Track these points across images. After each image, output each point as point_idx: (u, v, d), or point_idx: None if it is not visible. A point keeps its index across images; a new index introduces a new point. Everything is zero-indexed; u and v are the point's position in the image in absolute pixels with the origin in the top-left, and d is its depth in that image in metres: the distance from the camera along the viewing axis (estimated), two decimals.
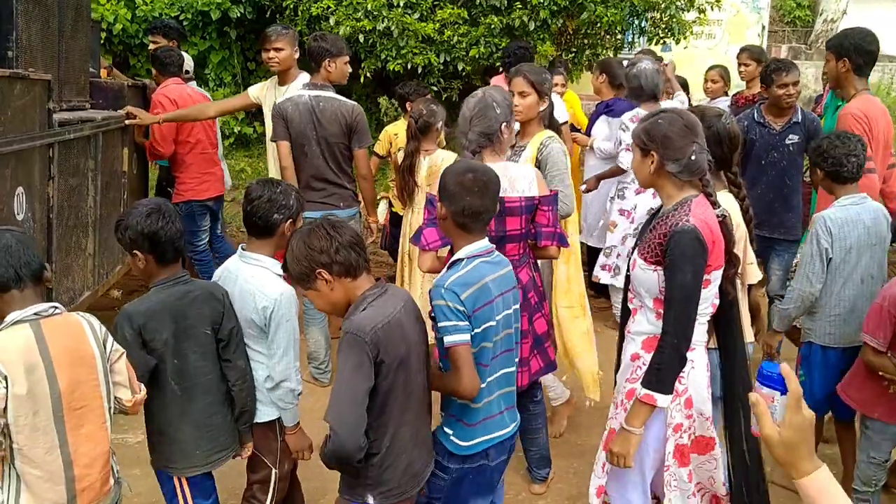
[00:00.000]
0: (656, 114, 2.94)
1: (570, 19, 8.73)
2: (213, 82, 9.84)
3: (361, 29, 8.38)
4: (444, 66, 8.75)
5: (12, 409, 2.35)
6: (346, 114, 4.84)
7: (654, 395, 2.77)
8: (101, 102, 5.11)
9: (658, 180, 2.91)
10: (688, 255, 2.73)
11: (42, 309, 2.44)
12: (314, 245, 2.48)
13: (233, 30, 9.62)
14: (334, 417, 2.37)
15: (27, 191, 3.77)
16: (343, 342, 2.40)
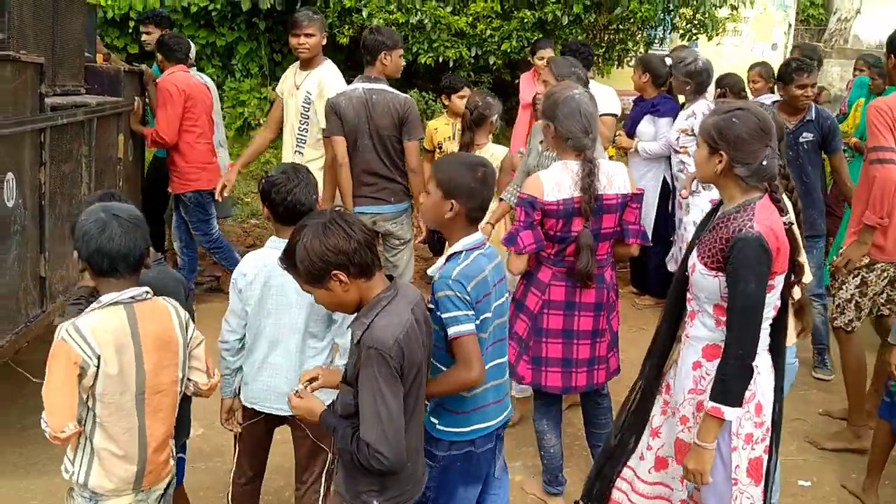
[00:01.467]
0: (731, 110, 2.78)
1: (603, 14, 8.61)
2: (239, 73, 9.84)
3: (394, 21, 8.35)
4: (474, 59, 8.71)
5: (102, 386, 2.43)
6: (399, 106, 4.79)
7: (721, 407, 2.69)
8: (96, 87, 5.03)
9: (722, 180, 2.79)
10: (751, 264, 2.64)
11: (137, 293, 2.50)
12: (332, 245, 2.31)
13: (262, 21, 9.59)
14: (377, 440, 2.28)
15: (18, 177, 3.69)
16: (367, 358, 2.30)
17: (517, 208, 3.50)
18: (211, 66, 9.81)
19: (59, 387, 2.39)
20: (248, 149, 5.82)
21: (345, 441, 2.36)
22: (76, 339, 2.38)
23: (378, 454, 2.27)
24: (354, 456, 2.33)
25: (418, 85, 9.51)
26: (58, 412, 2.39)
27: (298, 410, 2.54)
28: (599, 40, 9.09)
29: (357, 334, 2.36)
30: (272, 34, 9.93)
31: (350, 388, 2.40)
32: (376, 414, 2.28)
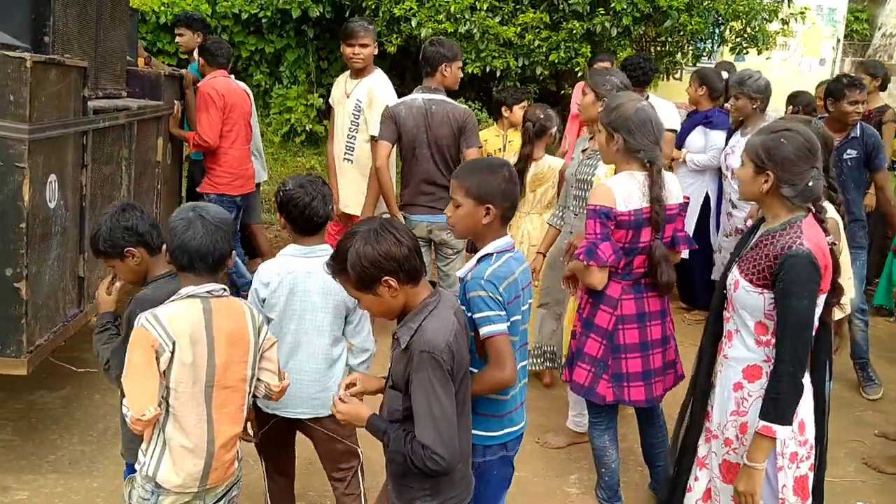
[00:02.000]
0: (779, 130, 2.80)
1: (653, 26, 8.54)
2: (287, 80, 9.95)
3: (443, 31, 8.40)
4: (521, 69, 8.72)
5: (175, 374, 2.50)
6: (458, 117, 4.88)
7: (772, 427, 2.71)
8: (137, 91, 5.09)
9: (767, 199, 2.81)
10: (803, 281, 2.66)
11: (214, 288, 2.60)
12: (384, 251, 2.35)
13: (310, 28, 9.71)
14: (434, 441, 2.32)
15: (60, 178, 3.75)
16: (420, 362, 2.34)
17: (590, 220, 3.42)
18: (259, 72, 9.95)
19: (138, 371, 2.48)
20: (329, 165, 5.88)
21: (398, 443, 2.39)
22: (154, 325, 2.48)
23: (434, 455, 2.31)
24: (409, 458, 2.35)
25: (464, 94, 9.52)
26: (138, 395, 2.48)
27: (345, 416, 2.56)
28: (647, 52, 9.04)
29: (404, 339, 2.39)
30: (320, 42, 10.07)
31: (398, 393, 2.43)
32: (431, 415, 2.32)
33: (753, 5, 8.46)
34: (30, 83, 3.36)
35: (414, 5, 8.56)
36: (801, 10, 8.93)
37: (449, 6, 8.40)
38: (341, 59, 10.16)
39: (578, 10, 8.48)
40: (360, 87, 5.41)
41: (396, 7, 8.57)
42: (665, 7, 8.21)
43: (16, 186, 3.40)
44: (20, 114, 3.37)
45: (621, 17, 8.30)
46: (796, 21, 9.05)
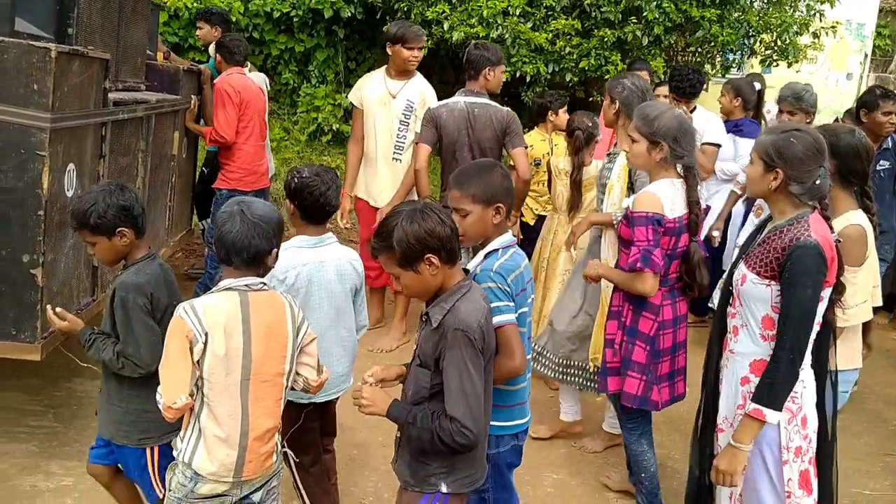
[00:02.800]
0: (788, 130, 2.89)
1: (684, 36, 8.51)
2: (315, 79, 10.01)
3: (475, 35, 8.45)
4: (550, 75, 8.77)
5: (209, 365, 2.53)
6: (501, 119, 4.94)
7: (764, 410, 2.77)
8: (155, 85, 5.15)
9: (775, 196, 2.88)
10: (810, 271, 2.72)
11: (253, 282, 2.62)
12: (430, 229, 2.45)
13: (341, 29, 9.74)
14: (464, 415, 2.41)
15: (78, 168, 3.80)
16: (454, 339, 2.44)
17: (641, 227, 3.46)
18: (288, 70, 10.02)
19: (173, 360, 2.52)
20: (348, 170, 5.93)
21: (426, 421, 2.46)
22: (189, 315, 2.52)
23: (465, 429, 2.40)
24: (436, 434, 2.43)
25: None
26: (171, 384, 2.52)
27: (370, 403, 2.59)
28: (677, 63, 9.03)
29: (437, 318, 2.48)
30: (349, 42, 10.12)
31: (427, 371, 2.52)
32: (462, 391, 2.41)
33: (785, 18, 8.47)
34: (53, 73, 3.41)
35: (446, 9, 8.61)
36: (833, 24, 8.92)
37: (481, 10, 8.45)
38: (370, 59, 10.42)
39: (610, 18, 8.52)
40: (409, 88, 5.49)
41: (429, 10, 8.63)
42: (697, 17, 8.23)
43: (36, 174, 3.45)
44: (43, 103, 3.42)
45: (653, 27, 8.34)
46: (827, 35, 9.04)
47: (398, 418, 2.56)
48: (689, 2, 8.33)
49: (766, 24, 8.42)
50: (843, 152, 3.30)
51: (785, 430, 2.85)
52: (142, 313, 2.87)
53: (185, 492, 2.63)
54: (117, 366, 2.88)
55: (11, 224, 3.48)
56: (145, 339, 2.86)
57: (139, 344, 2.85)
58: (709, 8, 8.30)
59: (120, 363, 2.87)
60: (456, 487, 2.59)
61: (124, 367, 2.87)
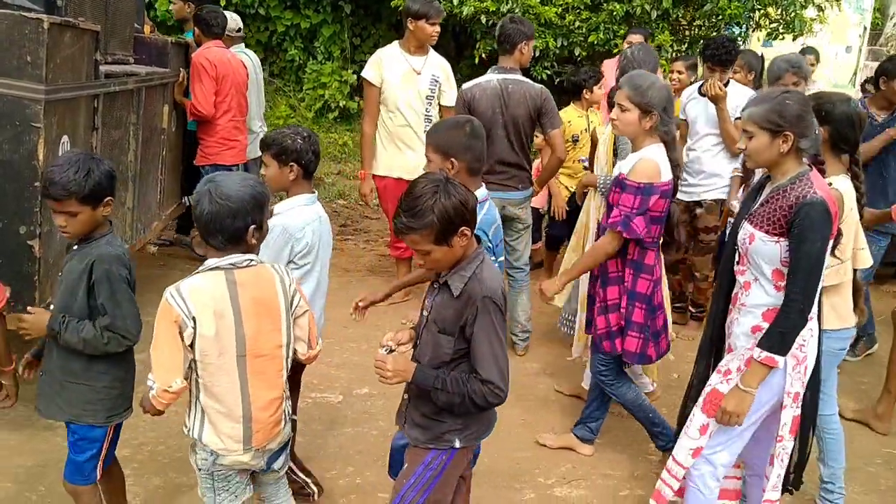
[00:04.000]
0: (777, 94, 2.96)
1: (691, 10, 8.48)
2: (321, 55, 10.00)
3: (485, 10, 8.50)
4: (558, 50, 8.76)
5: (200, 347, 2.53)
6: (535, 96, 4.89)
7: (776, 357, 2.88)
8: (143, 58, 5.16)
9: (782, 158, 2.93)
10: (818, 226, 2.81)
11: (238, 260, 2.58)
12: (463, 199, 2.46)
13: (347, 4, 9.72)
14: (497, 376, 2.50)
15: (72, 140, 3.83)
16: (484, 307, 2.49)
17: (629, 194, 3.57)
18: (293, 47, 10.01)
19: (163, 344, 2.51)
20: (364, 151, 5.88)
21: (456, 385, 2.52)
22: (176, 299, 2.49)
23: (498, 389, 2.50)
24: (468, 397, 2.51)
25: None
26: (164, 368, 2.51)
27: (395, 372, 2.58)
28: (683, 36, 8.99)
29: (458, 287, 2.51)
30: (354, 18, 10.09)
31: (449, 338, 2.55)
32: (494, 354, 2.50)
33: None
34: (46, 44, 3.44)
35: None
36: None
37: None
38: (374, 35, 10.42)
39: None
40: (430, 63, 5.51)
41: None
42: None
43: (31, 146, 3.49)
44: (37, 74, 3.45)
45: (661, 1, 8.32)
46: (830, 8, 9.04)
47: (424, 383, 2.57)
48: None
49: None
50: (837, 119, 3.35)
51: (789, 375, 2.95)
52: (125, 284, 2.80)
53: (209, 466, 2.68)
54: (102, 342, 2.76)
55: (8, 196, 3.52)
56: (130, 311, 2.79)
57: (126, 316, 2.77)
58: None
59: (105, 338, 2.76)
60: (467, 441, 2.69)
61: (110, 343, 2.77)
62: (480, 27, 8.79)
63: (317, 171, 9.13)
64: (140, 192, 4.79)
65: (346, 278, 6.48)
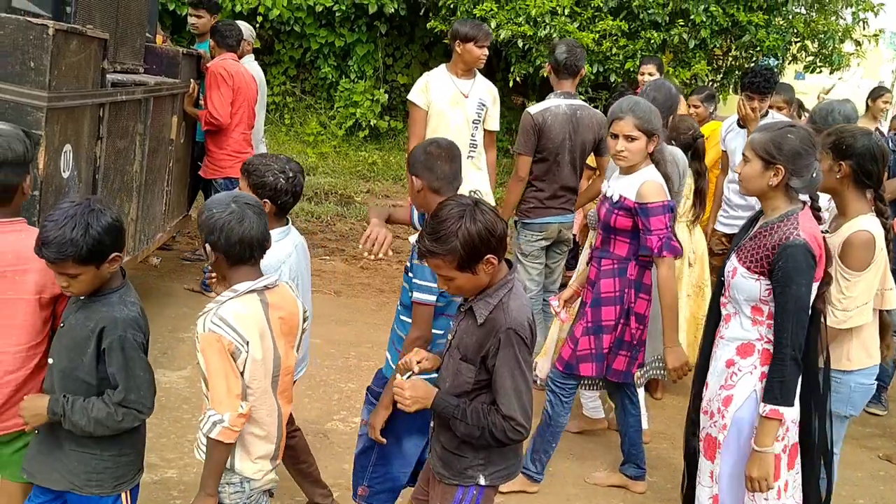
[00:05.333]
0: (783, 127, 2.95)
1: (728, 40, 8.43)
2: (354, 74, 10.01)
3: (522, 34, 8.49)
4: (594, 76, 8.76)
5: (250, 371, 2.47)
6: (600, 122, 4.88)
7: (780, 409, 2.83)
8: (154, 68, 5.11)
9: (771, 192, 2.92)
10: (801, 269, 2.80)
11: (269, 281, 2.55)
12: (490, 226, 2.36)
13: (383, 24, 9.72)
14: (519, 412, 2.40)
15: (75, 149, 3.76)
16: (507, 339, 2.40)
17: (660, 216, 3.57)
18: (327, 65, 10.03)
19: (220, 375, 2.41)
20: None
21: (476, 417, 2.42)
22: (224, 328, 2.40)
23: (519, 426, 2.40)
24: (488, 430, 2.41)
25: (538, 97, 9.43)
26: (229, 396, 2.42)
27: (414, 398, 2.50)
28: (718, 66, 8.93)
29: (482, 315, 2.42)
30: (388, 38, 10.11)
31: (470, 366, 2.46)
32: (516, 389, 2.40)
33: (831, 25, 8.41)
34: (51, 51, 3.37)
35: (493, 6, 8.58)
36: (876, 33, 8.86)
37: (529, 9, 8.40)
38: (407, 55, 10.42)
39: (657, 20, 8.49)
40: (478, 86, 5.36)
41: (476, 7, 8.60)
42: (744, 22, 8.15)
43: None
44: (40, 81, 3.37)
45: (699, 30, 8.30)
46: (869, 42, 8.99)
47: (444, 411, 2.48)
48: (736, 6, 8.24)
49: (812, 31, 8.36)
50: (859, 153, 3.25)
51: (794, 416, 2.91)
52: (141, 351, 2.50)
53: (242, 497, 2.58)
54: (116, 419, 2.45)
55: None
56: (146, 381, 2.50)
57: (140, 387, 2.47)
58: (756, 13, 8.21)
59: (120, 415, 2.44)
60: (493, 479, 2.56)
61: (124, 420, 2.46)
62: (516, 51, 8.78)
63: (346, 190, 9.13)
64: (144, 203, 4.72)
65: (381, 298, 6.51)
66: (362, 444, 3.13)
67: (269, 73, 10.20)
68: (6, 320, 2.55)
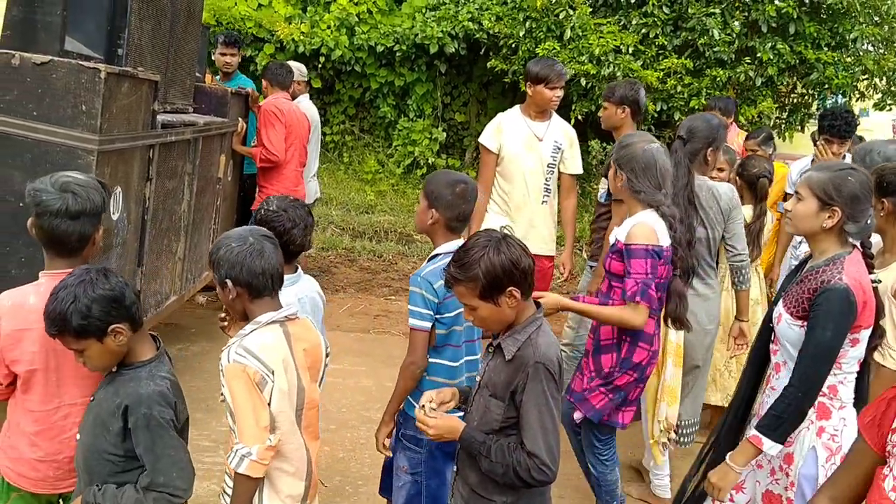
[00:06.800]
0: (843, 168, 2.88)
1: (793, 78, 8.21)
2: (413, 113, 10.03)
3: (585, 73, 8.41)
4: (657, 114, 8.64)
5: (276, 403, 2.43)
6: None
7: (763, 439, 2.77)
8: (203, 107, 5.16)
9: (823, 234, 2.85)
10: (833, 314, 2.71)
11: (290, 312, 2.53)
12: (516, 259, 2.39)
13: (442, 64, 9.74)
14: (544, 450, 2.37)
15: (125, 190, 3.77)
16: (535, 373, 2.39)
17: (641, 259, 3.39)
18: (385, 104, 10.08)
19: (246, 406, 2.37)
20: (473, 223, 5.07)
21: (500, 454, 2.40)
22: (249, 358, 2.37)
23: (543, 465, 2.35)
24: (513, 468, 2.37)
25: (601, 136, 9.32)
26: (258, 427, 2.37)
27: (439, 431, 2.49)
28: (783, 104, 8.72)
29: (510, 351, 2.42)
30: (446, 77, 10.15)
31: (499, 403, 2.44)
32: (543, 427, 2.36)
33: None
34: (102, 94, 3.39)
35: (556, 45, 8.54)
36: None
37: (592, 48, 8.35)
38: (465, 94, 10.41)
39: (723, 57, 8.33)
40: (553, 129, 5.16)
41: (539, 47, 8.55)
42: (812, 60, 7.98)
43: None
44: (91, 124, 3.40)
45: (766, 68, 8.15)
46: None
47: (470, 446, 2.47)
48: (804, 44, 8.08)
49: (881, 70, 8.13)
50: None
51: (822, 468, 2.79)
52: (170, 429, 2.36)
53: None
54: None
55: None
56: (178, 462, 2.36)
57: (170, 469, 2.33)
58: (823, 50, 8.05)
59: (150, 501, 2.32)
60: None
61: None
62: (578, 89, 8.67)
63: (405, 228, 9.06)
64: (192, 242, 4.73)
65: None
66: (406, 495, 3.09)
67: (329, 112, 10.30)
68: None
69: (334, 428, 4.63)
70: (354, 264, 8.21)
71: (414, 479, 3.07)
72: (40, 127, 3.35)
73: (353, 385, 5.23)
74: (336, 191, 9.70)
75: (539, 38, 8.77)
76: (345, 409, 4.91)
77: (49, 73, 3.36)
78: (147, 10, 3.85)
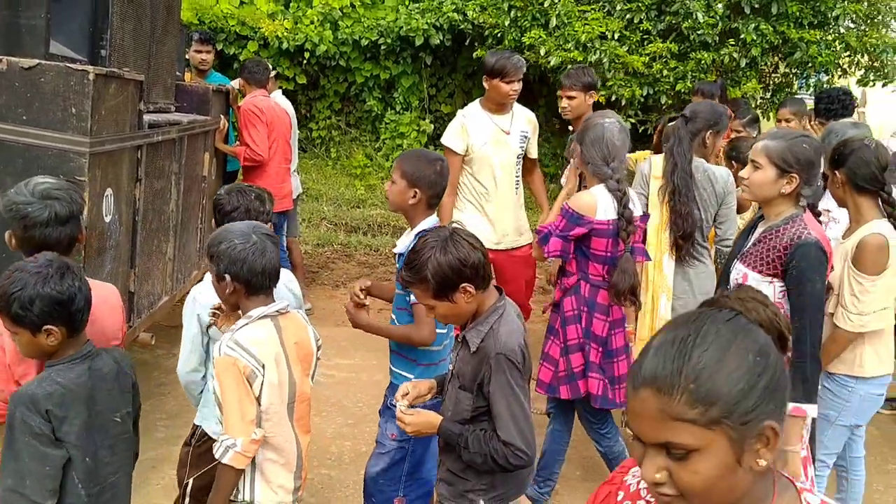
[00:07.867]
0: (797, 136, 3.01)
1: (777, 58, 8.24)
2: (399, 105, 10.04)
3: (572, 60, 8.35)
4: (644, 98, 8.63)
5: (266, 396, 2.47)
6: None
7: (804, 406, 2.85)
8: (185, 105, 5.16)
9: (780, 198, 2.97)
10: (815, 266, 2.86)
11: (282, 306, 2.57)
12: (464, 257, 2.42)
13: (428, 56, 9.74)
14: (518, 437, 2.42)
15: (115, 192, 3.77)
16: (498, 364, 2.43)
17: (561, 216, 3.59)
18: (372, 97, 10.07)
19: (234, 399, 2.42)
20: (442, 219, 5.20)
21: (478, 444, 2.44)
22: (239, 351, 2.42)
23: (518, 451, 2.41)
24: (490, 456, 2.42)
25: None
26: (243, 421, 2.42)
27: (416, 426, 2.54)
28: (767, 84, 8.79)
29: (475, 343, 2.46)
30: (432, 69, 10.17)
31: (468, 394, 2.49)
32: (512, 415, 2.41)
33: (884, 38, 8.24)
34: (91, 96, 3.39)
35: (542, 34, 8.53)
36: None
37: (578, 35, 8.37)
38: (450, 85, 10.40)
39: (707, 40, 8.33)
40: (518, 120, 5.04)
41: (525, 36, 8.57)
42: (795, 39, 8.00)
43: None
44: (81, 126, 3.39)
45: (750, 48, 8.15)
46: None
47: (448, 438, 2.53)
48: (786, 23, 8.09)
49: (864, 46, 8.16)
50: (851, 160, 3.33)
51: None
52: (30, 436, 2.20)
53: None
54: None
55: None
56: (33, 471, 2.21)
57: (23, 476, 2.19)
58: (807, 29, 8.07)
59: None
60: (493, 503, 2.57)
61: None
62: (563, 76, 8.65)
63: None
64: (180, 241, 4.75)
65: None
66: (389, 460, 3.17)
67: (315, 107, 10.29)
68: None
69: (353, 423, 4.68)
70: (352, 259, 8.25)
71: (401, 446, 3.14)
72: (30, 131, 3.35)
73: (366, 379, 5.31)
74: (325, 186, 9.71)
75: (524, 26, 8.76)
76: (361, 403, 5.01)
77: (37, 76, 3.35)
78: (128, 10, 3.85)
